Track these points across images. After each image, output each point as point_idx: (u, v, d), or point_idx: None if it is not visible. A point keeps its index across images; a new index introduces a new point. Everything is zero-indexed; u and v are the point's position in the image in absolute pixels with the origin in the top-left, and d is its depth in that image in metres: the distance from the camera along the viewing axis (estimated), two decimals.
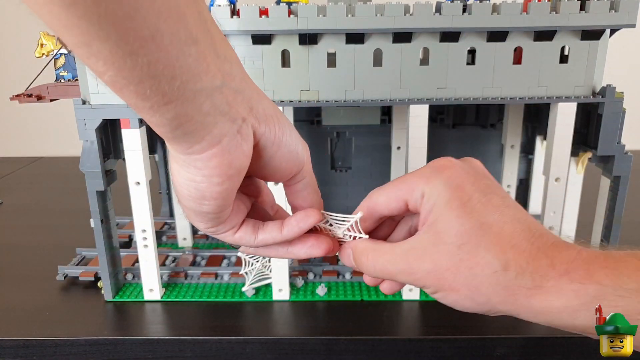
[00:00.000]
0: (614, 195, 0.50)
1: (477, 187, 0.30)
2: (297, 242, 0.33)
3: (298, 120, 0.65)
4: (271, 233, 0.32)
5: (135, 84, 0.22)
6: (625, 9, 0.44)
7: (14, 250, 0.66)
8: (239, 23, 0.44)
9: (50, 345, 0.46)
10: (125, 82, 0.22)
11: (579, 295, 0.27)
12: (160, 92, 0.23)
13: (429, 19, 0.44)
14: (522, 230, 0.29)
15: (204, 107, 0.25)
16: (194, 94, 0.24)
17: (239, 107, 0.26)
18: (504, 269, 0.28)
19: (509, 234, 0.29)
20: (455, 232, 0.29)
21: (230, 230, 0.31)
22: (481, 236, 0.29)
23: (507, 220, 0.29)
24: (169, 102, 0.23)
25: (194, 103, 0.24)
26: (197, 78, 0.24)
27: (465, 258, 0.29)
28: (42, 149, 1.18)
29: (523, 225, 0.29)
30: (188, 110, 0.24)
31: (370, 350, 0.45)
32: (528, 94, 0.47)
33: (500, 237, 0.29)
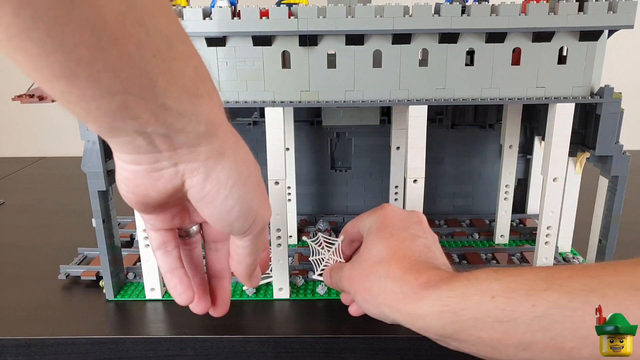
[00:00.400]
0: (612, 195, 0.50)
1: (398, 224, 0.40)
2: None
3: (298, 120, 0.65)
4: (164, 261, 0.35)
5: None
6: (624, 10, 0.44)
7: (16, 250, 0.66)
8: (240, 24, 0.44)
9: (52, 344, 0.46)
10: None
11: (430, 302, 0.33)
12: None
13: (428, 20, 0.44)
14: (416, 257, 0.37)
15: (155, 132, 0.25)
16: (167, 122, 0.25)
17: (186, 154, 0.27)
18: (386, 277, 0.36)
19: (407, 257, 0.37)
20: (375, 252, 0.38)
21: (150, 225, 0.34)
22: (390, 257, 0.37)
23: (412, 248, 0.38)
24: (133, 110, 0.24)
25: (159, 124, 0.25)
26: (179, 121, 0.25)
27: (366, 268, 0.38)
28: (44, 149, 1.19)
29: (418, 253, 0.37)
30: (139, 125, 0.24)
31: (369, 348, 0.46)
32: (526, 95, 0.48)
33: (401, 259, 0.37)
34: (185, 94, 0.25)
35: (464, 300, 0.31)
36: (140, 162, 0.27)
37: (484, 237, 0.65)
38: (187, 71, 0.25)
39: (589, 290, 0.28)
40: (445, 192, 0.70)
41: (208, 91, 0.27)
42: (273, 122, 0.48)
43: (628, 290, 0.27)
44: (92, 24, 0.19)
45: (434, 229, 0.66)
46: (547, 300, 0.28)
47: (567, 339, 0.28)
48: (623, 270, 0.28)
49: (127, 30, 0.21)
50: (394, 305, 0.35)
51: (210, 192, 0.29)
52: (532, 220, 0.68)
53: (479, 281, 0.32)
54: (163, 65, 0.23)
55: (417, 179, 0.50)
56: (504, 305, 0.30)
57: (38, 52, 0.19)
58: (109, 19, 0.20)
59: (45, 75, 0.21)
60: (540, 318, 0.28)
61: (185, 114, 0.25)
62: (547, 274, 0.30)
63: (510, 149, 0.61)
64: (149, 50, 0.22)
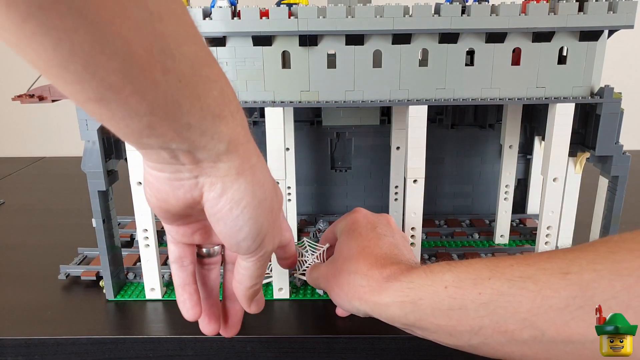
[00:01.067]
0: (612, 195, 0.50)
1: (367, 225, 0.44)
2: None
3: (298, 120, 0.65)
4: (178, 277, 0.38)
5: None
6: (624, 10, 0.44)
7: (15, 250, 0.66)
8: (240, 24, 0.44)
9: (52, 344, 0.46)
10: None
11: (392, 293, 0.36)
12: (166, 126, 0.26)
13: (428, 20, 0.44)
14: (382, 253, 0.40)
15: (181, 146, 0.27)
16: (195, 144, 0.27)
17: (206, 169, 0.29)
18: (354, 273, 0.39)
19: (373, 254, 0.40)
20: (346, 251, 0.41)
21: (170, 237, 0.37)
22: (358, 254, 0.40)
23: (379, 246, 0.41)
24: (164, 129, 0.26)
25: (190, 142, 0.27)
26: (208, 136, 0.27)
27: (337, 267, 0.41)
28: (44, 149, 1.19)
29: (384, 250, 0.40)
30: (174, 141, 0.27)
31: (370, 348, 0.46)
32: (526, 95, 0.48)
33: (367, 255, 0.40)
34: (209, 114, 0.26)
35: (421, 291, 0.34)
36: (163, 170, 0.29)
37: (484, 237, 0.65)
38: (212, 93, 0.26)
39: (525, 277, 0.30)
40: (445, 192, 0.70)
41: (232, 112, 0.28)
42: (273, 122, 0.48)
43: (557, 274, 0.29)
44: (122, 55, 0.21)
45: (434, 229, 0.66)
46: (492, 288, 0.31)
47: (509, 322, 0.30)
48: (556, 257, 0.30)
49: (154, 58, 0.23)
50: (362, 297, 0.37)
51: (223, 209, 0.30)
52: (532, 220, 0.68)
53: (433, 273, 0.34)
54: (188, 89, 0.25)
55: (417, 179, 0.50)
56: (455, 294, 0.32)
57: (74, 80, 0.21)
58: (137, 50, 0.22)
59: (80, 98, 0.23)
60: (486, 304, 0.31)
61: (207, 132, 0.27)
62: (492, 263, 0.33)
63: (510, 149, 0.61)
64: (175, 76, 0.24)
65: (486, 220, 0.68)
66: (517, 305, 0.30)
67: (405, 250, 0.42)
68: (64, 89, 0.22)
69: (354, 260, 0.40)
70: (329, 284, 0.42)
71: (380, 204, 0.69)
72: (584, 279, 0.28)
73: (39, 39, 0.19)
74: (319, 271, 0.45)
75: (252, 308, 0.39)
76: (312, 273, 0.47)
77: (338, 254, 0.43)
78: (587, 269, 0.28)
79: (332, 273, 0.42)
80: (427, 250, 0.60)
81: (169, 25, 0.23)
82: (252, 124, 0.65)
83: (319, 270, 0.45)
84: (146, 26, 0.22)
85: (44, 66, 0.21)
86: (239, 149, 0.29)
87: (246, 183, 0.30)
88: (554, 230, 0.51)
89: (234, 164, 0.29)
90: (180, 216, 0.32)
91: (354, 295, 0.38)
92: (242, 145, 0.30)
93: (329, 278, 0.42)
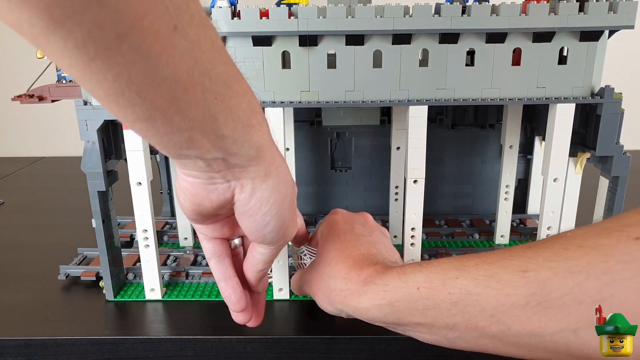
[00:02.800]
0: (612, 196, 0.50)
1: (344, 226, 0.44)
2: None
3: (298, 120, 0.65)
4: (217, 270, 0.40)
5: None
6: (624, 10, 0.44)
7: (15, 250, 0.66)
8: (240, 24, 0.44)
9: (51, 345, 0.46)
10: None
11: (370, 297, 0.37)
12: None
13: (429, 20, 0.44)
14: (360, 255, 0.40)
15: (214, 154, 0.30)
16: (228, 148, 0.30)
17: (238, 173, 0.32)
18: (334, 277, 0.40)
19: (351, 256, 0.40)
20: (325, 255, 0.42)
21: (203, 235, 0.39)
22: (337, 258, 0.41)
23: (357, 247, 0.41)
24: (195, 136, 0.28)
25: (222, 150, 0.30)
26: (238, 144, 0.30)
27: (318, 271, 0.42)
28: (43, 150, 1.19)
29: (362, 252, 0.41)
30: (206, 150, 0.29)
31: (370, 349, 0.46)
32: (527, 95, 0.48)
33: (346, 258, 0.40)
34: (240, 125, 0.29)
35: (396, 292, 0.35)
36: (199, 177, 0.32)
37: (484, 237, 0.65)
38: (242, 106, 0.29)
39: (489, 276, 0.32)
40: (445, 192, 0.70)
41: (259, 121, 0.31)
42: (273, 122, 0.48)
43: (517, 272, 0.31)
44: (169, 81, 0.24)
45: (435, 229, 0.66)
46: (459, 287, 0.33)
47: (479, 319, 0.32)
48: (516, 255, 0.32)
49: (195, 81, 0.25)
50: (343, 301, 0.39)
51: (253, 207, 0.33)
52: (532, 220, 0.68)
53: (406, 274, 0.36)
54: (222, 105, 0.28)
55: (417, 179, 0.50)
56: (427, 295, 0.34)
57: (127, 105, 0.24)
58: (182, 75, 0.24)
59: (130, 118, 0.26)
60: (456, 303, 0.33)
61: (239, 141, 0.30)
62: (459, 262, 0.34)
63: (510, 149, 0.61)
64: (212, 94, 0.27)
65: (486, 221, 0.68)
66: (483, 303, 0.31)
67: (382, 249, 0.43)
68: (117, 112, 0.25)
69: (333, 263, 0.41)
70: (313, 290, 0.43)
71: (380, 204, 0.69)
72: (540, 277, 0.29)
73: (102, 74, 0.22)
74: (302, 278, 0.46)
75: (260, 287, 0.42)
76: (297, 280, 0.47)
77: (319, 258, 0.43)
78: (544, 266, 0.30)
79: (314, 278, 0.43)
80: (427, 250, 0.60)
81: (206, 50, 0.26)
82: None
83: (303, 277, 0.46)
84: (189, 54, 0.24)
85: (103, 95, 0.24)
86: (266, 153, 0.32)
87: (273, 183, 0.33)
88: (554, 231, 0.51)
89: (262, 167, 0.32)
90: (211, 216, 0.36)
91: (335, 299, 0.40)
92: (269, 149, 0.33)
93: (311, 284, 0.43)
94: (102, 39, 0.21)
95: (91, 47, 0.21)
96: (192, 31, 0.25)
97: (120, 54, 0.21)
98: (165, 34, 0.23)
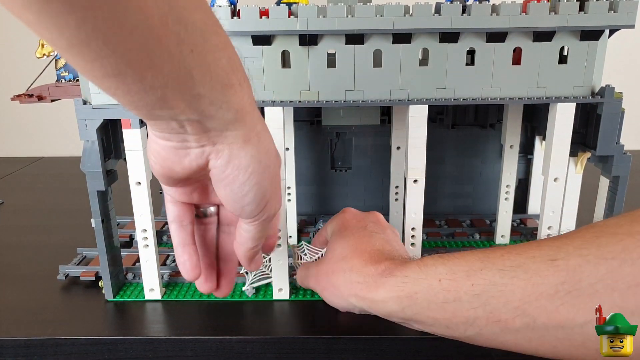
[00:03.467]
0: (612, 195, 0.50)
1: (357, 224, 0.44)
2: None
3: (298, 120, 0.65)
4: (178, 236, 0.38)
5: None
6: (624, 10, 0.44)
7: (15, 250, 0.66)
8: (240, 24, 0.44)
9: (51, 345, 0.46)
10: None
11: (388, 289, 0.36)
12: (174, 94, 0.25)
13: (429, 19, 0.44)
14: (375, 250, 0.40)
15: (189, 115, 0.27)
16: (202, 105, 0.27)
17: (214, 137, 0.29)
18: (349, 271, 0.39)
19: (367, 251, 0.40)
20: (339, 251, 0.42)
21: (169, 197, 0.37)
22: (352, 252, 0.40)
23: (371, 243, 0.41)
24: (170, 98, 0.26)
25: (194, 108, 0.27)
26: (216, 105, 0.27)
27: (330, 266, 0.41)
28: (43, 149, 1.19)
29: (377, 247, 0.41)
30: (178, 108, 0.27)
31: (370, 349, 0.46)
32: (527, 94, 0.47)
33: (361, 253, 0.40)
34: (218, 84, 0.27)
35: (416, 285, 0.34)
36: (170, 139, 0.29)
37: (485, 237, 0.65)
38: (221, 62, 0.27)
39: (516, 266, 0.31)
40: (445, 192, 0.70)
41: (239, 80, 0.29)
42: (273, 122, 0.47)
43: (546, 261, 0.30)
44: (141, 29, 0.21)
45: (435, 229, 0.66)
46: (484, 278, 0.32)
47: (502, 312, 0.31)
48: (544, 245, 0.31)
49: (169, 29, 0.23)
50: (359, 294, 0.38)
51: (230, 175, 0.31)
52: (533, 220, 0.68)
53: (427, 266, 0.35)
54: (199, 59, 0.25)
55: (418, 179, 0.49)
56: (449, 287, 0.33)
57: (94, 57, 0.21)
58: (154, 22, 0.22)
59: (98, 74, 0.23)
60: (479, 295, 0.32)
61: (216, 102, 0.27)
62: (484, 254, 0.33)
63: (511, 149, 0.61)
64: (187, 46, 0.24)
65: (487, 221, 0.68)
66: (509, 294, 0.30)
67: (397, 246, 0.43)
68: (82, 66, 0.22)
69: (348, 258, 0.40)
70: (321, 284, 0.42)
71: (381, 204, 0.69)
72: (570, 265, 0.28)
73: (63, 18, 0.19)
74: (308, 270, 0.45)
75: (252, 267, 0.40)
76: (301, 272, 0.47)
77: (330, 253, 0.43)
78: (574, 254, 0.29)
79: (324, 272, 0.42)
80: (427, 250, 0.60)
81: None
82: None
83: (308, 270, 0.45)
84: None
85: (65, 45, 0.21)
86: (245, 118, 0.30)
87: (252, 150, 0.31)
88: (555, 231, 0.51)
89: (241, 132, 0.30)
90: (182, 180, 0.33)
91: (350, 293, 0.39)
92: (249, 113, 0.30)
93: (320, 278, 0.42)
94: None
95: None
96: None
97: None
98: None
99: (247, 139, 0.30)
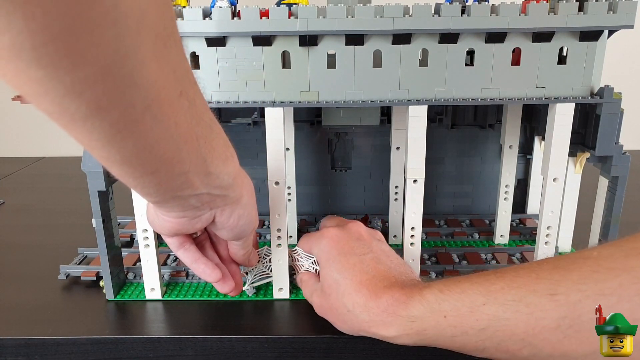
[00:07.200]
0: (612, 195, 0.50)
1: (343, 248, 0.44)
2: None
3: (298, 120, 0.65)
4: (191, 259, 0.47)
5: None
6: (624, 10, 0.44)
7: (15, 250, 0.66)
8: (240, 24, 0.44)
9: (52, 344, 0.46)
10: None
11: (397, 328, 0.37)
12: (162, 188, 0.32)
13: (428, 20, 0.44)
14: (370, 279, 0.41)
15: (187, 202, 0.36)
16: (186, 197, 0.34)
17: (218, 201, 0.37)
18: (352, 309, 0.40)
19: (364, 284, 0.40)
20: (335, 286, 0.42)
21: (165, 235, 0.44)
22: (350, 288, 0.41)
23: (364, 270, 0.42)
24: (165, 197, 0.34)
25: (184, 200, 0.35)
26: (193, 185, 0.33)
27: (332, 303, 0.42)
28: (44, 149, 1.19)
29: (372, 273, 0.41)
30: (177, 200, 0.35)
31: (369, 349, 0.46)
32: (526, 95, 0.48)
33: (360, 288, 0.40)
34: (220, 160, 0.34)
35: (424, 323, 0.36)
36: (186, 215, 0.37)
37: (484, 237, 0.65)
38: (220, 142, 0.34)
39: (517, 300, 0.32)
40: (445, 192, 0.70)
41: (231, 153, 0.36)
42: (273, 122, 0.48)
43: (546, 296, 0.31)
44: (176, 136, 0.28)
45: (434, 229, 0.66)
46: (487, 313, 0.33)
47: (509, 344, 0.32)
48: (543, 278, 0.32)
49: (192, 131, 0.29)
50: (368, 330, 0.39)
51: (232, 224, 0.40)
52: (532, 220, 0.68)
53: (430, 303, 0.36)
54: (209, 146, 0.32)
55: (417, 179, 0.50)
56: (455, 323, 0.34)
57: (138, 164, 0.28)
58: (184, 130, 0.29)
59: (137, 174, 0.29)
60: (485, 330, 0.33)
61: (220, 174, 0.34)
62: (484, 288, 0.34)
63: (510, 149, 0.61)
64: (202, 140, 0.31)
65: (486, 220, 0.68)
66: (513, 327, 0.32)
67: (386, 260, 0.44)
68: (125, 170, 0.28)
69: (347, 295, 0.41)
70: (330, 318, 0.44)
71: (380, 204, 0.69)
72: (571, 300, 0.30)
73: (124, 143, 0.26)
74: (312, 298, 0.46)
75: (252, 262, 0.50)
76: (305, 289, 0.48)
77: (328, 288, 0.43)
78: (573, 289, 0.30)
79: (328, 309, 0.43)
80: (427, 250, 0.60)
81: (199, 104, 0.30)
82: (252, 124, 0.65)
83: (312, 298, 0.46)
84: (189, 111, 0.29)
85: (119, 159, 0.27)
86: (237, 179, 0.37)
87: (245, 199, 0.39)
88: (554, 230, 0.51)
89: (237, 191, 0.38)
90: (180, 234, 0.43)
91: (360, 328, 0.40)
92: (239, 173, 0.38)
93: (326, 313, 0.44)
94: (131, 114, 0.24)
95: (122, 123, 0.24)
96: (191, 91, 0.29)
97: (143, 123, 0.25)
98: (174, 100, 0.26)
99: (241, 195, 0.39)
